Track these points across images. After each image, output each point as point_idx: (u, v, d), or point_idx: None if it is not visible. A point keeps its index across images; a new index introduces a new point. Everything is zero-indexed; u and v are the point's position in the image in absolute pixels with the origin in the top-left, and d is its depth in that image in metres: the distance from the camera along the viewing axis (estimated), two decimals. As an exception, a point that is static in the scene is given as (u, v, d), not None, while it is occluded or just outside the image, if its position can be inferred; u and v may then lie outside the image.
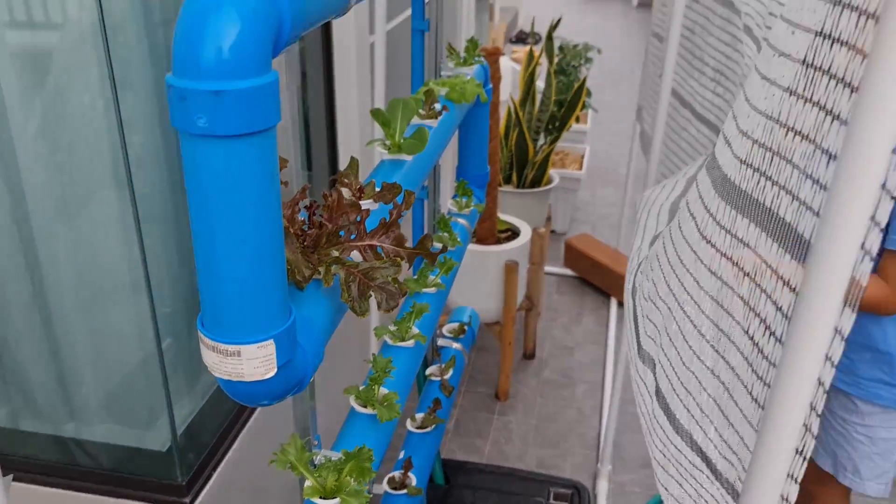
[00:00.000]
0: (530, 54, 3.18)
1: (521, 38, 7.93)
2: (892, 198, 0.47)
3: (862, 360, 1.50)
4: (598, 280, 3.32)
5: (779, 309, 0.59)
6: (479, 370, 2.84)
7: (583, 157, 3.86)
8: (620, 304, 3.26)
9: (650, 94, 2.63)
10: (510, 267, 2.46)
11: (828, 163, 0.54)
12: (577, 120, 3.64)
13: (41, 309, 1.51)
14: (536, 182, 3.15)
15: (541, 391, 2.75)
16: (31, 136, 1.36)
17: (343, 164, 2.16)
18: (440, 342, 1.96)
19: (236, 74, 0.57)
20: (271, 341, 0.66)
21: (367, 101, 2.18)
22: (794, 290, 0.57)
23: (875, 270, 1.38)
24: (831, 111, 0.53)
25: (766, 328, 0.61)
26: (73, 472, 1.54)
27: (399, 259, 0.80)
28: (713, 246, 0.75)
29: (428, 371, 1.85)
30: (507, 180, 3.17)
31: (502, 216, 2.66)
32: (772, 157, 0.61)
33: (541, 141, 3.28)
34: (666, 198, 1.36)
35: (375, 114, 1.16)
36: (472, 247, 2.50)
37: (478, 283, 2.53)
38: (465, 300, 2.53)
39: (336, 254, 0.81)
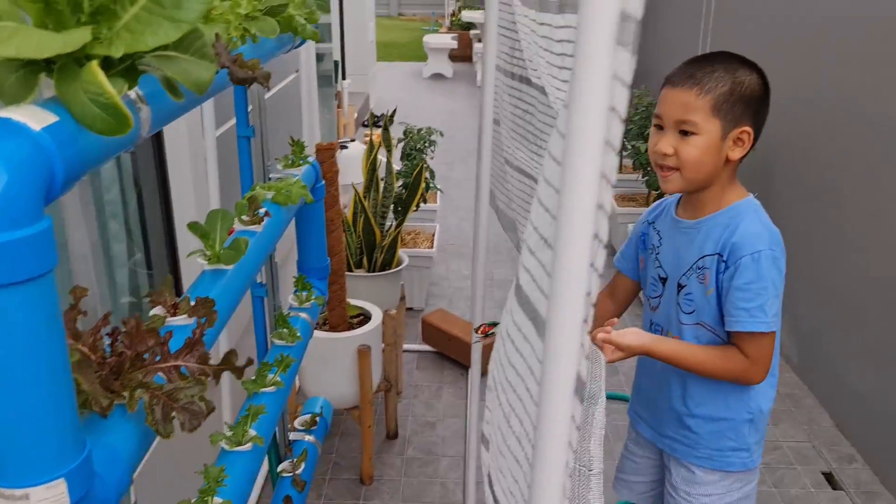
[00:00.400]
0: (370, 144, 3.30)
1: (373, 122, 8.14)
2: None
3: (708, 433, 1.59)
4: (456, 353, 3.40)
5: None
6: (342, 456, 2.82)
7: (433, 235, 4.00)
8: (482, 373, 3.35)
9: (498, 176, 2.78)
10: (362, 352, 2.49)
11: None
12: (425, 200, 3.78)
13: None
14: (387, 264, 3.23)
15: (405, 470, 2.76)
16: None
17: (184, 264, 2.15)
18: (292, 436, 1.95)
19: (4, 227, 0.59)
20: (62, 480, 0.66)
21: (204, 201, 2.19)
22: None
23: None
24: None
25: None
26: None
27: (204, 377, 0.82)
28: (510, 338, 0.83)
29: (280, 468, 1.83)
30: (359, 265, 3.23)
31: (353, 301, 2.71)
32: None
33: (389, 223, 3.37)
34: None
35: (193, 227, 1.18)
36: (324, 335, 2.52)
37: (333, 370, 2.54)
38: (322, 388, 2.53)
39: (141, 377, 0.82)
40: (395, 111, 3.61)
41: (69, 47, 0.65)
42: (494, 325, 1.78)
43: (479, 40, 11.36)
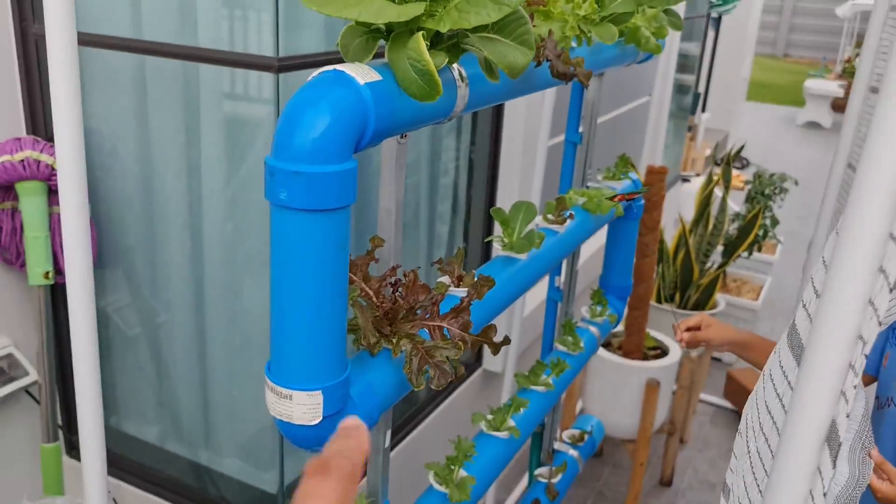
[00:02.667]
0: (709, 178, 3.15)
1: (726, 162, 7.75)
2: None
3: None
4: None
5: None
6: (608, 486, 2.74)
7: (762, 287, 3.69)
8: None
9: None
10: (651, 386, 2.40)
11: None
12: (759, 249, 3.51)
13: (199, 345, 1.72)
14: (700, 305, 3.06)
15: (672, 524, 2.60)
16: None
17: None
18: (556, 446, 1.95)
19: (316, 160, 0.68)
20: (319, 392, 0.75)
21: (526, 197, 2.28)
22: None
23: None
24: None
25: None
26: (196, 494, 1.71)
27: (461, 343, 0.86)
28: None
29: (537, 472, 1.84)
30: (670, 299, 3.11)
31: (653, 333, 2.61)
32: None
33: (711, 264, 3.19)
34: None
35: (496, 212, 1.25)
36: (615, 359, 2.47)
37: (617, 396, 2.48)
38: (602, 412, 2.49)
39: (409, 328, 0.89)
40: (742, 147, 3.40)
41: (403, 17, 0.72)
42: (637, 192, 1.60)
43: (874, 90, 10.17)
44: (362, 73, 0.73)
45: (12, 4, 1.49)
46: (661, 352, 2.59)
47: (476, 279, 1.06)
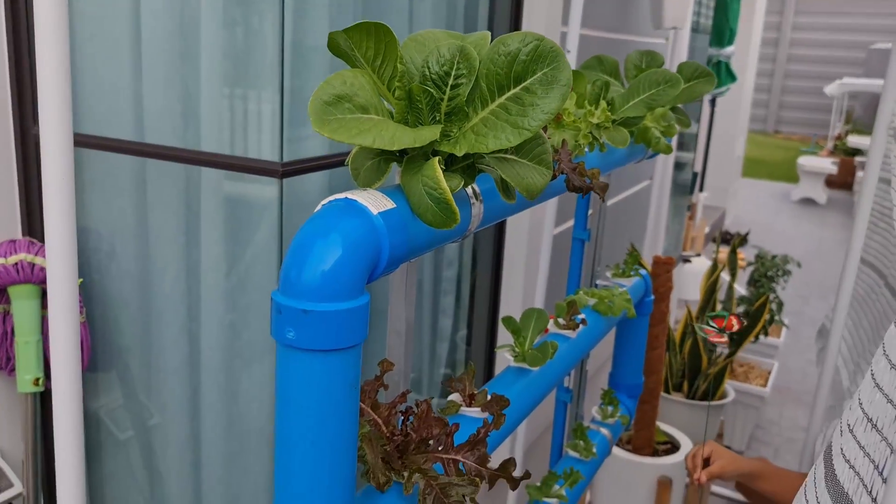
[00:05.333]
0: (714, 264, 3.12)
1: (725, 240, 7.79)
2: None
3: None
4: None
5: None
6: (621, 591, 2.61)
7: (769, 372, 3.61)
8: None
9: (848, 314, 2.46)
10: (663, 483, 2.30)
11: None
12: (766, 334, 3.45)
13: (194, 451, 1.64)
14: (709, 394, 2.98)
15: None
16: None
17: (501, 360, 2.20)
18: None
19: (326, 297, 0.64)
20: (326, 543, 0.68)
21: (531, 292, 2.24)
22: None
23: None
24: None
25: None
26: None
27: (479, 479, 0.80)
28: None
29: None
30: (678, 388, 3.03)
31: (663, 426, 2.53)
32: (867, 462, 0.56)
33: (719, 351, 3.13)
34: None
35: (507, 322, 1.20)
36: (625, 455, 2.38)
37: (628, 494, 2.38)
38: (612, 511, 2.39)
39: (421, 462, 0.83)
40: (748, 233, 3.38)
41: (419, 143, 0.69)
42: (744, 319, 1.38)
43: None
44: (375, 202, 0.69)
45: (13, 105, 1.48)
46: (672, 446, 2.50)
47: (489, 398, 1.00)
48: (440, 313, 2.08)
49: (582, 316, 1.36)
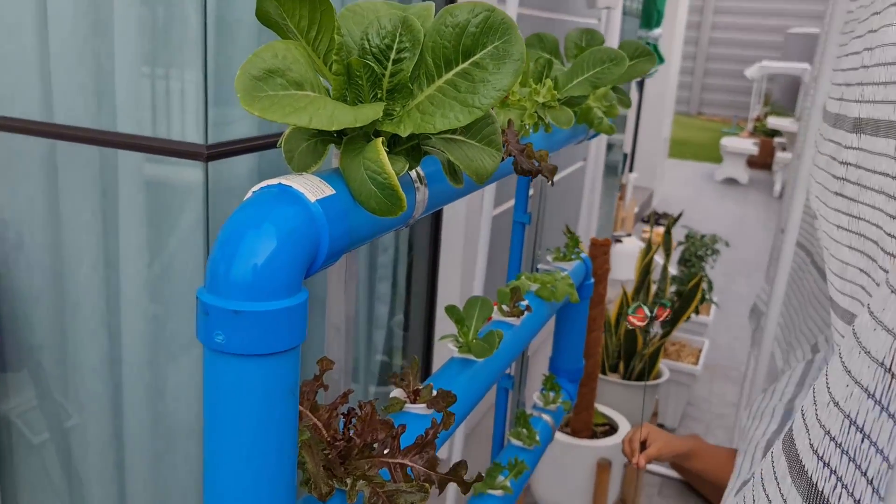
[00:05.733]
0: (648, 245, 3.14)
1: (654, 220, 7.94)
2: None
3: None
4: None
5: None
6: (561, 572, 2.62)
7: (700, 350, 3.68)
8: (729, 519, 2.96)
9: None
10: (602, 466, 2.31)
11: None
12: (697, 312, 3.50)
13: (117, 452, 1.54)
14: (644, 375, 3.01)
15: None
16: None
17: (439, 346, 2.16)
18: (512, 542, 1.83)
19: (260, 295, 0.57)
20: (263, 566, 0.62)
21: (470, 276, 2.20)
22: None
23: None
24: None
25: None
26: None
27: (428, 485, 0.75)
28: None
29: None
30: (613, 369, 3.05)
31: (601, 408, 2.54)
32: (847, 462, 0.53)
33: (654, 331, 3.16)
34: (762, 433, 1.23)
35: (450, 311, 1.15)
36: (564, 438, 2.38)
37: (567, 478, 2.38)
38: (551, 494, 2.38)
39: (366, 467, 0.77)
40: (681, 215, 3.42)
41: (360, 122, 0.63)
42: (666, 306, 1.38)
43: (784, 149, 10.65)
44: (312, 188, 0.63)
45: None
46: (610, 427, 2.51)
47: (435, 394, 0.95)
48: (376, 300, 2.01)
49: (526, 303, 1.32)
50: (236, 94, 0.59)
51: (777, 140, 11.55)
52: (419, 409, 0.95)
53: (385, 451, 0.78)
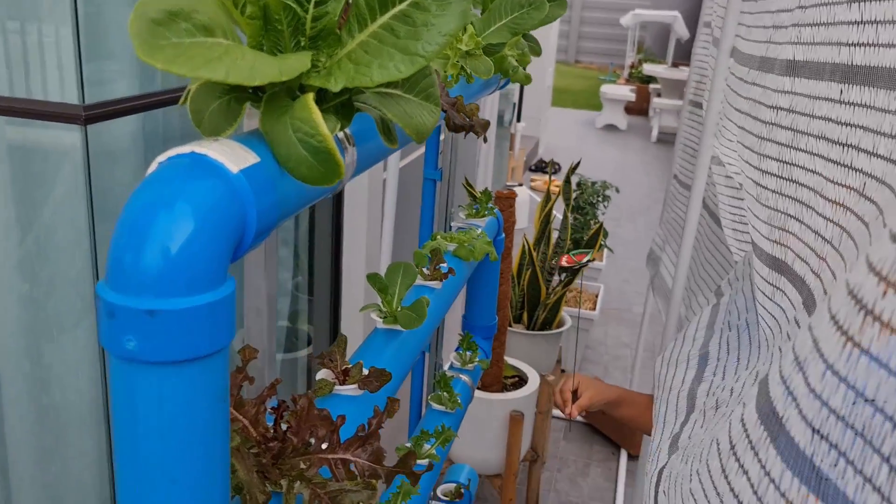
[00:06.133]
0: (547, 195, 3.14)
1: (540, 167, 8.05)
2: None
3: None
4: (608, 429, 3.14)
5: None
6: (476, 525, 2.63)
7: (597, 295, 3.77)
8: (630, 456, 3.07)
9: (671, 238, 2.56)
10: (515, 418, 2.31)
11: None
12: (593, 259, 3.56)
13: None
14: (548, 324, 3.04)
15: (542, 553, 2.54)
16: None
17: (347, 310, 2.07)
18: (433, 505, 1.80)
19: (178, 290, 0.47)
20: None
21: (376, 234, 2.11)
22: None
23: None
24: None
25: None
26: None
27: (374, 481, 0.67)
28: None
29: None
30: (518, 320, 3.06)
31: (510, 360, 2.54)
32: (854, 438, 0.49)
33: (555, 281, 3.19)
34: (681, 381, 1.23)
35: (372, 279, 1.06)
36: (476, 394, 2.36)
37: (480, 432, 2.37)
38: (466, 450, 2.37)
39: (303, 466, 0.69)
40: (579, 162, 3.44)
41: (286, 75, 0.53)
42: (585, 253, 1.58)
43: (659, 95, 11.01)
44: (233, 156, 0.52)
45: None
46: (520, 379, 2.51)
47: (367, 373, 0.87)
48: (277, 265, 1.89)
49: (450, 266, 1.25)
50: (132, 41, 0.48)
51: (652, 86, 11.93)
52: (350, 390, 0.87)
53: (324, 447, 0.70)
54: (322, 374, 0.89)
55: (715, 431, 0.70)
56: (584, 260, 1.48)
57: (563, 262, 1.48)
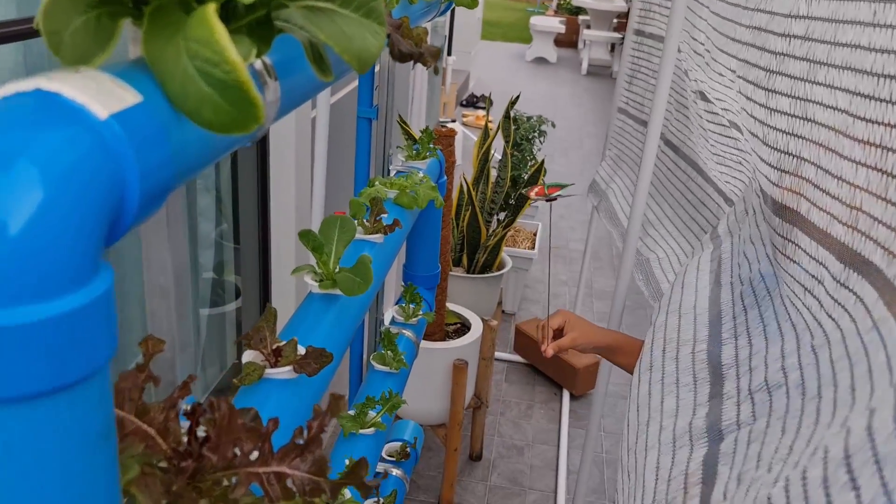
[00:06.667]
0: (485, 131, 3.00)
1: (471, 102, 7.87)
2: None
3: None
4: (551, 370, 3.10)
5: None
6: (420, 475, 2.56)
7: (535, 234, 3.68)
8: (573, 396, 3.05)
9: (620, 170, 2.47)
10: (459, 367, 2.22)
11: None
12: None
13: None
14: (488, 266, 2.94)
15: (488, 499, 2.49)
16: None
17: (277, 260, 1.90)
18: (379, 466, 1.70)
19: (27, 295, 0.32)
20: None
21: (305, 187, 1.94)
22: None
23: None
24: None
25: None
26: None
27: (318, 500, 0.55)
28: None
29: (363, 506, 1.57)
30: (457, 263, 2.95)
31: (452, 307, 2.43)
32: None
33: (493, 223, 3.08)
34: (692, 337, 1.08)
35: (304, 236, 0.92)
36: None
37: (424, 381, 2.27)
38: (410, 401, 2.27)
39: (227, 483, 0.55)
40: (517, 97, 3.30)
41: (173, -23, 0.37)
42: (561, 186, 1.62)
43: (588, 27, 10.88)
44: (102, 94, 0.37)
45: None
46: (462, 325, 2.42)
47: (304, 353, 0.74)
48: (198, 216, 1.72)
49: (395, 218, 1.11)
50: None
51: (581, 18, 11.77)
52: (283, 373, 0.73)
53: (253, 457, 0.57)
54: (249, 356, 0.75)
55: (820, 436, 0.57)
56: (559, 193, 1.45)
57: (533, 193, 1.43)
